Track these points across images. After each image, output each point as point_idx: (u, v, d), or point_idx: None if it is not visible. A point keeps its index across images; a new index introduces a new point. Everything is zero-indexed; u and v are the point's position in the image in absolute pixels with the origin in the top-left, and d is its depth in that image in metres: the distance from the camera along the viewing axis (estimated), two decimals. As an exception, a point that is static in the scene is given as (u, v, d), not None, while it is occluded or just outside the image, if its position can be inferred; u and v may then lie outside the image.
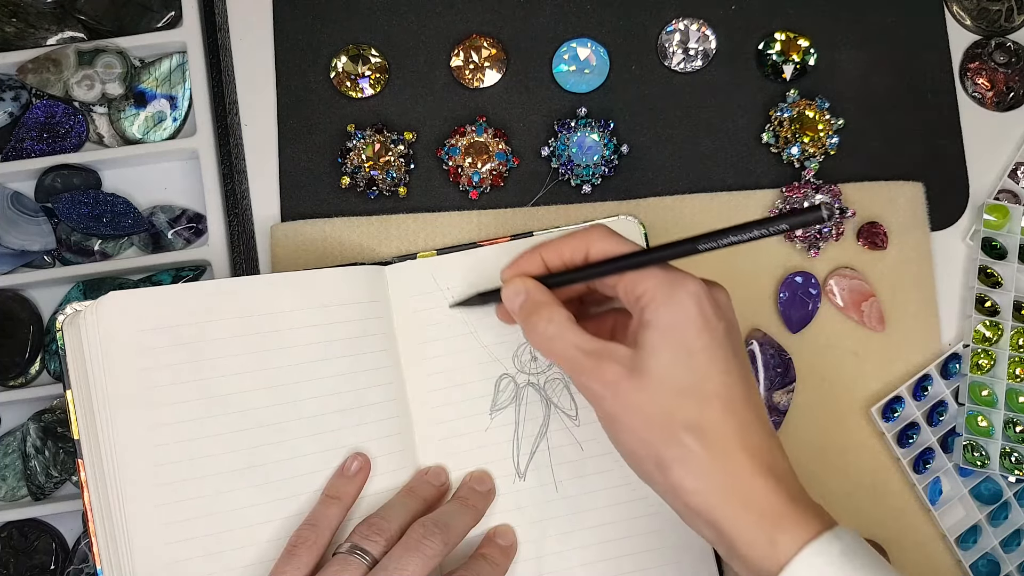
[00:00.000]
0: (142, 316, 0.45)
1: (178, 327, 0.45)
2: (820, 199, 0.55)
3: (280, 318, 0.47)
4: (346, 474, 0.46)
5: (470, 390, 0.51)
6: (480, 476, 0.49)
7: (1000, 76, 0.59)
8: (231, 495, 0.45)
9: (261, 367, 0.47)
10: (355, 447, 0.47)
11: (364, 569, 0.42)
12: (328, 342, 0.48)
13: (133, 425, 0.44)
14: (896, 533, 0.54)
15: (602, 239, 0.42)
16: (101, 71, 0.56)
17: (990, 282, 0.56)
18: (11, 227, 0.55)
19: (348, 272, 0.50)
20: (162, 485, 0.44)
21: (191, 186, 0.58)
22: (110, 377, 0.44)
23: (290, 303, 0.48)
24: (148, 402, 0.44)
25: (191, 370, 0.45)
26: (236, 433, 0.46)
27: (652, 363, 0.38)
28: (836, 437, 0.55)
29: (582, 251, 0.43)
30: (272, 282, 0.48)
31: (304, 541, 0.44)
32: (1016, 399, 0.55)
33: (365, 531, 0.44)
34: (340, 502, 0.45)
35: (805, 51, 0.58)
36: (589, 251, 0.43)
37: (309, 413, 0.47)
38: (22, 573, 0.54)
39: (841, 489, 0.54)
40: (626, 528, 0.50)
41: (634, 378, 0.38)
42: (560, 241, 0.44)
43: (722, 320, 0.39)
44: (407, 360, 0.51)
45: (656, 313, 0.39)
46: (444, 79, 0.58)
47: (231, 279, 0.51)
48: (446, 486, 0.49)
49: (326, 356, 0.48)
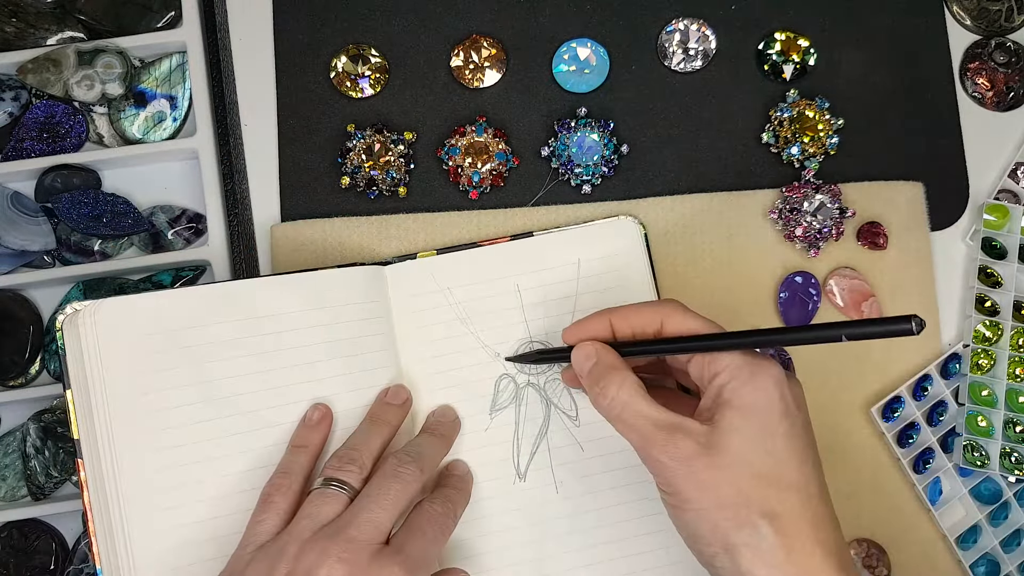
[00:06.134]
0: (141, 320, 0.45)
1: (178, 330, 0.46)
2: (820, 198, 0.55)
3: (280, 319, 0.47)
4: (309, 424, 0.46)
5: (470, 390, 0.51)
6: (443, 409, 0.50)
7: (1000, 76, 0.59)
8: (231, 497, 0.45)
9: (261, 369, 0.47)
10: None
11: (345, 499, 0.42)
12: (328, 343, 0.48)
13: (133, 425, 0.44)
14: (896, 533, 0.54)
15: (678, 314, 0.42)
16: (101, 71, 0.56)
17: (990, 282, 0.56)
18: (11, 227, 0.55)
19: (348, 272, 0.50)
20: (162, 486, 0.44)
21: (191, 186, 0.58)
22: (110, 377, 0.44)
23: (290, 304, 0.48)
24: (148, 403, 0.45)
25: (191, 372, 0.45)
26: (236, 435, 0.46)
27: (730, 442, 0.37)
28: (836, 437, 0.55)
29: (655, 323, 0.43)
30: (272, 283, 0.48)
31: (278, 488, 0.44)
32: (1016, 399, 0.55)
33: (336, 464, 0.44)
34: (307, 450, 0.46)
35: (805, 51, 0.58)
36: (664, 325, 0.42)
37: (309, 413, 0.47)
38: (22, 573, 0.54)
39: (841, 489, 0.54)
40: (627, 529, 0.50)
41: (709, 455, 0.38)
42: (630, 310, 0.44)
43: (800, 410, 0.39)
44: (407, 360, 0.51)
45: (737, 393, 0.38)
46: (444, 79, 0.58)
47: (231, 281, 0.51)
48: (408, 404, 0.49)
49: (326, 357, 0.48)
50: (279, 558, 0.40)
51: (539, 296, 0.52)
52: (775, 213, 0.56)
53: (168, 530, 0.44)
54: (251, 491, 0.45)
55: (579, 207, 0.56)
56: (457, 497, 0.47)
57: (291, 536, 0.41)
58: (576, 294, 0.52)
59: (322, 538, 0.40)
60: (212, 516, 0.45)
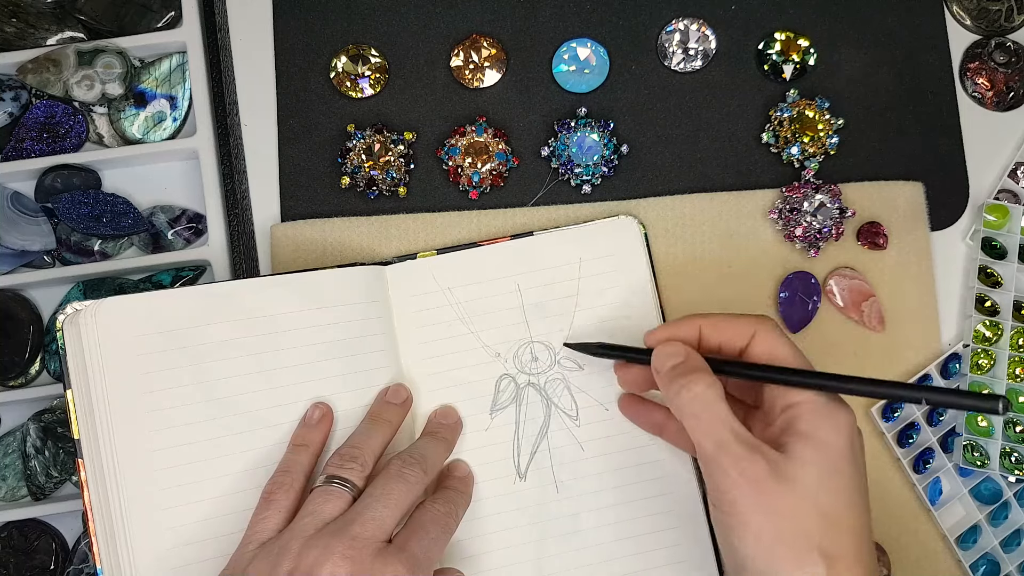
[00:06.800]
0: (141, 320, 0.45)
1: (178, 330, 0.46)
2: (820, 198, 0.55)
3: (280, 320, 0.47)
4: (309, 423, 0.46)
5: (470, 390, 0.51)
6: (445, 411, 0.50)
7: (1000, 76, 0.59)
8: (231, 497, 0.45)
9: (261, 369, 0.47)
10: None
11: (348, 497, 0.42)
12: (328, 343, 0.48)
13: (133, 425, 0.44)
14: (896, 533, 0.54)
15: (771, 335, 0.41)
16: (101, 71, 0.56)
17: (990, 282, 0.56)
18: (11, 227, 0.55)
19: (348, 272, 0.50)
20: (163, 485, 0.44)
21: (191, 186, 0.58)
22: (110, 377, 0.44)
23: (290, 304, 0.48)
24: (148, 403, 0.45)
25: (191, 372, 0.45)
26: (237, 434, 0.46)
27: (801, 474, 0.37)
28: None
29: (745, 337, 0.42)
30: (272, 283, 0.48)
31: (280, 486, 0.44)
32: (1016, 399, 0.55)
33: (338, 461, 0.44)
34: (308, 448, 0.46)
35: (805, 51, 0.58)
36: (754, 341, 0.42)
37: (309, 413, 0.47)
38: (22, 573, 0.54)
39: (841, 489, 0.54)
40: (627, 529, 0.50)
41: (780, 483, 0.37)
42: (723, 318, 0.43)
43: (863, 457, 0.39)
44: (407, 360, 0.51)
45: (814, 427, 0.38)
46: (444, 79, 0.58)
47: (231, 281, 0.51)
48: (408, 403, 0.49)
49: (326, 357, 0.48)
50: (282, 555, 0.40)
51: (539, 296, 0.52)
52: (775, 213, 0.56)
53: (169, 529, 0.44)
54: (252, 490, 0.45)
55: (579, 207, 0.56)
56: (459, 498, 0.47)
57: (294, 533, 0.41)
58: (576, 294, 0.52)
59: (325, 535, 0.40)
60: (213, 515, 0.45)
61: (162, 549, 0.44)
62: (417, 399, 0.50)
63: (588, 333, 0.52)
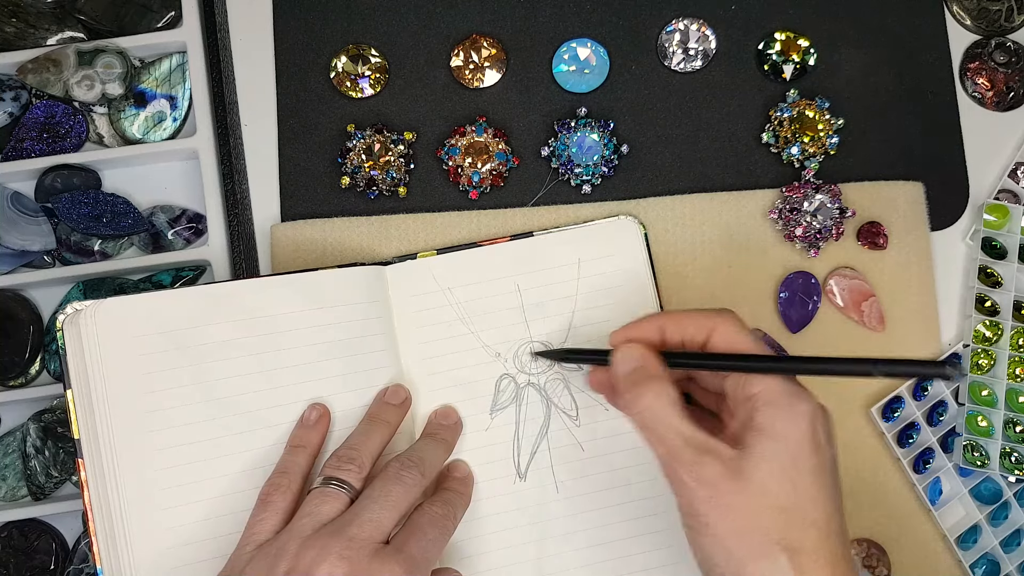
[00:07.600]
0: (141, 320, 0.45)
1: (178, 330, 0.46)
2: (820, 198, 0.55)
3: (280, 320, 0.47)
4: (307, 424, 0.46)
5: (470, 390, 0.51)
6: (445, 411, 0.50)
7: (1000, 76, 0.59)
8: (231, 497, 0.45)
9: (261, 369, 0.47)
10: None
11: (345, 499, 0.42)
12: (328, 343, 0.48)
13: (133, 425, 0.44)
14: (896, 533, 0.54)
15: (731, 327, 0.41)
16: (101, 71, 0.56)
17: (990, 282, 0.56)
18: (11, 227, 0.55)
19: (348, 272, 0.50)
20: (162, 485, 0.44)
21: (191, 186, 0.58)
22: (110, 378, 0.44)
23: (290, 304, 0.48)
24: (148, 403, 0.45)
25: (191, 372, 0.45)
26: (236, 434, 0.46)
27: (758, 471, 0.37)
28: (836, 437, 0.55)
29: (705, 332, 0.42)
30: (272, 283, 0.48)
31: (277, 488, 0.44)
32: (1016, 399, 0.55)
33: (335, 463, 0.44)
34: (305, 450, 0.46)
35: (805, 51, 0.58)
36: (713, 335, 0.41)
37: (309, 413, 0.47)
38: (22, 573, 0.54)
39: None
40: (627, 529, 0.50)
41: (735, 481, 0.37)
42: (684, 315, 0.43)
43: (830, 445, 0.39)
44: (407, 360, 0.51)
45: (771, 420, 0.38)
46: (444, 79, 0.58)
47: (231, 281, 0.51)
48: (407, 404, 0.49)
49: (326, 357, 0.48)
50: (280, 556, 0.40)
51: (539, 296, 0.52)
52: (775, 213, 0.56)
53: (168, 529, 0.44)
54: (252, 491, 0.45)
55: (579, 207, 0.56)
56: (458, 500, 0.47)
57: (291, 534, 0.41)
58: (576, 294, 0.52)
59: (323, 536, 0.40)
60: (212, 515, 0.45)
61: (162, 549, 0.44)
62: (417, 399, 0.50)
63: (588, 333, 0.52)
